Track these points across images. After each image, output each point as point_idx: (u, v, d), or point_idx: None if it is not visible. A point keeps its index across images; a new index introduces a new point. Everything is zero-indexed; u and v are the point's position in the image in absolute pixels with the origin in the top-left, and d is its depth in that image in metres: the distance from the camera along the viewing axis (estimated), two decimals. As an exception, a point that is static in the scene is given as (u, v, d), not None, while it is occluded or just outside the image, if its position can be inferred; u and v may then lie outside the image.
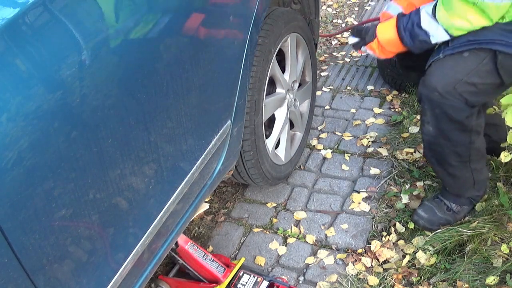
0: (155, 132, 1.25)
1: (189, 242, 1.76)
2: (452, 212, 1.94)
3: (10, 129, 0.86)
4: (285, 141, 2.17)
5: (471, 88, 1.65)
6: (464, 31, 1.64)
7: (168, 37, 1.23)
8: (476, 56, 1.65)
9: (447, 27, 1.64)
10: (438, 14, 1.63)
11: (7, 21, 0.87)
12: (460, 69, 1.65)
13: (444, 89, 1.66)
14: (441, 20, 1.64)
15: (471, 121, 1.71)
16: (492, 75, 1.66)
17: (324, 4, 4.03)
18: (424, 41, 1.70)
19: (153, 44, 1.18)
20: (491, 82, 1.68)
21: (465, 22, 1.60)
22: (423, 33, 1.69)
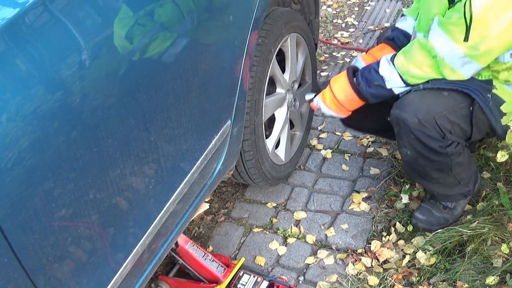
0: (155, 132, 1.25)
1: (189, 242, 1.76)
2: (449, 209, 1.95)
3: (10, 129, 0.86)
4: (285, 141, 2.17)
5: (448, 125, 1.67)
6: (417, 80, 1.70)
7: (168, 37, 1.23)
8: (454, 98, 1.68)
9: (402, 72, 1.70)
10: (396, 60, 1.71)
11: (7, 21, 0.87)
12: (441, 103, 1.67)
13: (424, 117, 1.66)
14: (398, 65, 1.70)
15: (449, 149, 1.71)
16: (466, 121, 1.69)
17: (324, 4, 4.03)
18: (380, 85, 1.75)
19: (153, 44, 1.18)
20: (463, 128, 1.70)
21: (420, 71, 1.67)
22: (379, 78, 1.74)
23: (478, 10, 1.50)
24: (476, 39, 1.54)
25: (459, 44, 1.56)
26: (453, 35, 1.57)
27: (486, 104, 1.66)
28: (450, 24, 1.57)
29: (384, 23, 3.65)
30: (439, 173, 1.81)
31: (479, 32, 1.53)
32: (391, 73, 1.72)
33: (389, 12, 3.80)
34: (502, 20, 1.50)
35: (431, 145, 1.69)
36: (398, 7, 3.84)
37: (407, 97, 1.72)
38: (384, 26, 3.59)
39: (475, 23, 1.51)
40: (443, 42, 1.60)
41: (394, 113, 1.73)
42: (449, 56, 1.60)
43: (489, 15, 1.50)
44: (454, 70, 1.63)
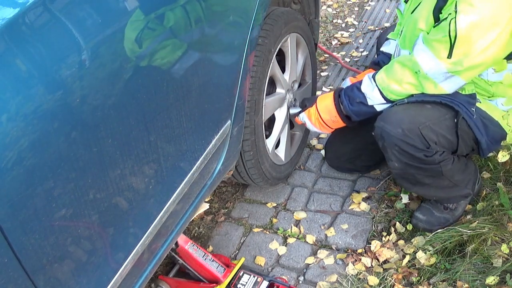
0: (155, 132, 1.25)
1: (189, 242, 1.76)
2: (450, 210, 1.95)
3: (10, 129, 0.86)
4: (285, 141, 2.17)
5: (433, 136, 1.68)
6: (396, 96, 1.74)
7: (168, 37, 1.23)
8: (438, 110, 1.70)
9: (382, 88, 1.74)
10: (377, 76, 1.76)
11: (7, 21, 0.87)
12: (425, 114, 1.69)
13: (408, 127, 1.67)
14: (378, 81, 1.75)
15: (436, 157, 1.71)
16: (451, 133, 1.70)
17: (324, 4, 4.03)
18: (361, 102, 1.80)
19: (153, 44, 1.18)
20: (449, 139, 1.71)
21: (400, 87, 1.72)
22: (361, 96, 1.80)
23: (463, 29, 1.54)
24: (459, 56, 1.58)
25: (442, 60, 1.60)
26: (436, 51, 1.61)
27: (470, 117, 1.69)
28: (434, 41, 1.62)
29: (384, 23, 3.65)
30: (431, 179, 1.80)
31: (462, 50, 1.57)
32: (372, 89, 1.77)
33: (389, 12, 3.80)
34: (486, 39, 1.54)
35: (416, 155, 1.70)
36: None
37: (391, 110, 1.75)
38: (384, 26, 3.59)
39: (459, 41, 1.56)
40: (427, 58, 1.64)
41: (378, 125, 1.75)
42: (432, 71, 1.64)
43: (473, 34, 1.54)
44: (437, 85, 1.66)
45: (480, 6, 1.53)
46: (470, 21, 1.54)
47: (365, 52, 3.33)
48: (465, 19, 1.54)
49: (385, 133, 1.72)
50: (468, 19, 1.54)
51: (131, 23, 1.11)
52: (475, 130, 1.70)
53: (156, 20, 1.19)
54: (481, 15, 1.53)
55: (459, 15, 1.55)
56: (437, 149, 1.69)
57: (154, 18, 1.18)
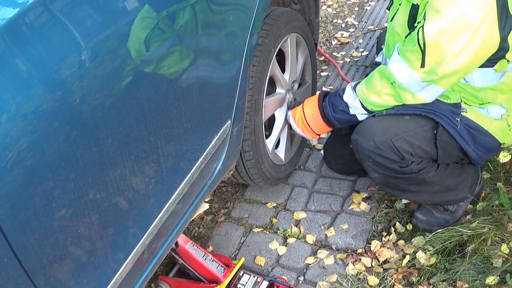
0: (155, 132, 1.25)
1: (189, 242, 1.76)
2: (450, 211, 1.94)
3: (10, 129, 0.86)
4: (285, 141, 2.17)
5: (408, 147, 1.66)
6: (377, 107, 1.74)
7: (168, 37, 1.23)
8: (416, 121, 1.69)
9: (362, 99, 1.74)
10: (358, 87, 1.76)
11: (7, 21, 0.87)
12: (400, 126, 1.68)
13: (380, 140, 1.67)
14: (358, 92, 1.75)
15: (412, 167, 1.69)
16: (429, 144, 1.68)
17: (324, 4, 4.03)
18: (344, 111, 1.81)
19: (153, 44, 1.18)
20: (426, 150, 1.69)
21: (379, 99, 1.71)
22: (343, 104, 1.80)
23: (430, 36, 1.53)
24: (432, 64, 1.56)
25: (416, 70, 1.59)
26: (410, 61, 1.60)
27: (453, 127, 1.66)
28: (407, 51, 1.61)
29: (384, 23, 3.65)
30: (417, 186, 1.79)
31: (434, 58, 1.55)
32: (353, 100, 1.77)
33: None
34: (457, 44, 1.51)
35: (390, 166, 1.69)
36: (398, 7, 3.84)
37: (366, 122, 1.75)
38: (384, 26, 3.59)
39: (429, 49, 1.54)
40: (401, 68, 1.63)
41: (353, 138, 1.75)
42: (406, 82, 1.63)
43: (442, 41, 1.52)
44: (414, 95, 1.65)
45: (446, 12, 1.50)
46: (437, 27, 1.51)
47: (365, 52, 3.33)
48: (432, 26, 1.52)
49: (358, 146, 1.73)
50: (435, 26, 1.51)
51: (132, 24, 1.11)
52: (459, 140, 1.66)
53: (156, 21, 1.19)
54: (448, 20, 1.50)
55: (426, 23, 1.54)
56: (413, 160, 1.68)
57: (154, 19, 1.18)
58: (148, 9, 1.16)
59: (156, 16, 1.19)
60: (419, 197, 1.90)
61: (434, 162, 1.73)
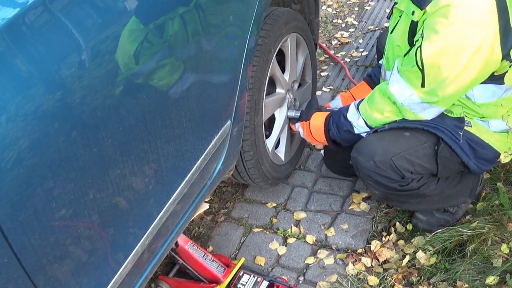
0: (155, 132, 1.25)
1: (189, 242, 1.76)
2: (450, 212, 1.94)
3: (10, 129, 0.86)
4: (285, 141, 2.17)
5: (408, 166, 1.65)
6: (379, 124, 1.72)
7: (168, 37, 1.23)
8: (417, 138, 1.67)
9: (365, 117, 1.73)
10: (361, 106, 1.75)
11: (7, 21, 0.87)
12: (400, 144, 1.66)
13: (380, 160, 1.66)
14: (361, 111, 1.74)
15: (412, 185, 1.69)
16: (430, 161, 1.67)
17: (324, 4, 4.03)
18: (348, 131, 1.80)
19: (153, 44, 1.18)
20: (427, 167, 1.68)
21: (381, 116, 1.70)
22: (348, 124, 1.79)
23: (428, 57, 1.51)
24: (432, 85, 1.54)
25: (416, 90, 1.57)
26: (411, 81, 1.58)
27: (455, 142, 1.64)
28: (406, 71, 1.59)
29: (384, 23, 3.65)
30: (418, 199, 1.79)
31: (433, 78, 1.53)
32: (357, 118, 1.76)
33: (389, 12, 3.80)
34: (457, 65, 1.48)
35: (391, 185, 1.69)
36: (398, 7, 3.83)
37: (365, 140, 1.73)
38: (384, 26, 3.59)
39: (427, 70, 1.52)
40: (401, 89, 1.61)
41: (353, 156, 1.74)
42: (407, 102, 1.61)
43: (441, 61, 1.49)
44: (416, 115, 1.64)
45: (445, 32, 1.47)
46: (435, 48, 1.49)
47: (365, 52, 3.33)
48: (430, 47, 1.50)
49: (358, 165, 1.72)
50: (433, 47, 1.49)
51: (132, 24, 1.11)
52: (461, 154, 1.65)
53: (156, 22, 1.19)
54: (446, 41, 1.47)
55: (424, 43, 1.51)
56: (413, 177, 1.68)
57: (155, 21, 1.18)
58: (149, 9, 1.16)
59: (156, 17, 1.19)
60: (419, 206, 1.90)
61: (434, 176, 1.73)
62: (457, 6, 1.45)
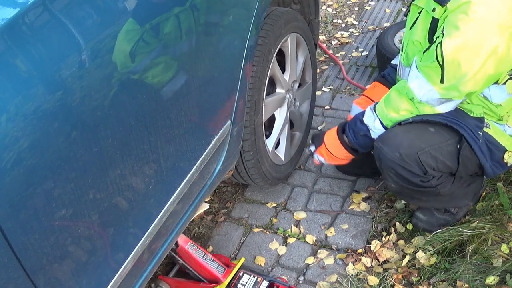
0: (155, 132, 1.25)
1: (189, 242, 1.76)
2: (450, 213, 1.94)
3: (10, 129, 0.86)
4: (285, 141, 2.17)
5: (432, 162, 1.65)
6: (394, 123, 1.72)
7: (168, 37, 1.23)
8: (441, 134, 1.67)
9: (382, 117, 1.73)
10: (377, 107, 1.75)
11: (7, 21, 0.87)
12: (425, 139, 1.66)
13: (406, 152, 1.65)
14: (378, 111, 1.74)
15: (432, 182, 1.69)
16: (452, 158, 1.67)
17: (324, 4, 4.03)
18: (365, 135, 1.79)
19: (152, 44, 1.18)
20: (449, 165, 1.68)
21: (397, 115, 1.70)
22: (364, 128, 1.78)
23: (449, 53, 1.52)
24: (452, 81, 1.55)
25: (436, 86, 1.58)
26: (430, 77, 1.59)
27: (475, 141, 1.64)
28: (426, 67, 1.60)
29: (384, 23, 3.65)
30: (429, 196, 1.79)
31: (453, 74, 1.54)
32: (373, 120, 1.76)
33: (389, 12, 3.80)
34: (476, 61, 1.50)
35: (412, 180, 1.69)
36: (398, 7, 3.84)
37: (391, 131, 1.72)
38: (384, 26, 3.59)
39: (448, 66, 1.53)
40: (421, 84, 1.62)
41: (377, 146, 1.73)
42: (425, 98, 1.62)
43: (461, 57, 1.51)
44: (433, 109, 1.65)
45: (465, 29, 1.49)
46: (455, 44, 1.50)
47: (365, 52, 3.33)
48: (450, 43, 1.51)
49: (382, 155, 1.70)
50: (453, 43, 1.50)
51: (132, 24, 1.11)
52: (479, 155, 1.65)
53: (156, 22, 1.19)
54: (466, 37, 1.49)
55: (445, 39, 1.53)
56: (434, 174, 1.68)
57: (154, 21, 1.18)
58: (148, 9, 1.16)
59: (155, 17, 1.19)
60: (425, 203, 1.90)
61: (451, 176, 1.73)
62: (477, 3, 1.47)
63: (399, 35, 2.89)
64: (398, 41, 2.85)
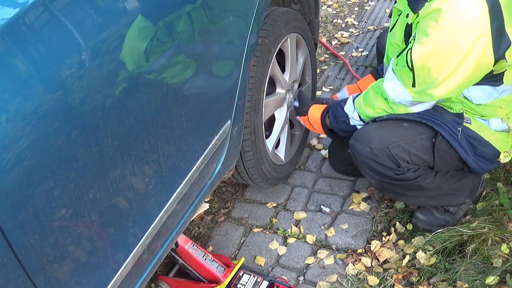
0: (155, 132, 1.25)
1: (189, 242, 1.76)
2: (450, 213, 1.94)
3: (10, 129, 0.86)
4: (285, 141, 2.17)
5: (404, 155, 1.67)
6: (371, 119, 1.76)
7: (168, 37, 1.23)
8: (415, 129, 1.69)
9: (360, 112, 1.78)
10: (356, 100, 1.80)
11: (7, 21, 0.87)
12: (397, 133, 1.69)
13: (377, 147, 1.68)
14: (356, 105, 1.80)
15: (408, 175, 1.70)
16: (427, 152, 1.68)
17: (324, 4, 4.03)
18: (344, 122, 1.85)
19: (152, 44, 1.18)
20: (423, 158, 1.69)
21: (373, 112, 1.75)
22: (344, 115, 1.84)
23: (418, 59, 1.54)
24: (422, 85, 1.57)
25: (408, 89, 1.61)
26: (402, 80, 1.62)
27: (453, 137, 1.65)
28: (399, 70, 1.63)
29: (384, 23, 3.65)
30: (414, 192, 1.80)
31: (423, 79, 1.56)
32: (352, 111, 1.81)
33: (389, 12, 3.80)
34: (446, 68, 1.50)
35: (386, 173, 1.71)
36: (398, 7, 3.84)
37: (364, 128, 1.77)
38: (384, 26, 3.59)
39: (417, 71, 1.55)
40: (394, 86, 1.65)
41: (350, 143, 1.77)
42: (398, 99, 1.66)
43: (430, 63, 1.52)
44: (406, 109, 1.68)
45: (435, 35, 1.49)
46: (425, 50, 1.51)
47: (365, 52, 3.33)
48: (419, 50, 1.52)
49: (355, 151, 1.74)
50: (422, 49, 1.52)
51: (132, 24, 1.11)
52: (458, 150, 1.66)
53: (157, 23, 1.19)
54: (436, 44, 1.49)
55: (414, 45, 1.54)
56: (409, 167, 1.69)
57: (154, 21, 1.18)
58: (148, 10, 1.16)
59: (156, 18, 1.19)
60: (416, 200, 1.91)
61: (431, 169, 1.73)
62: (448, 11, 1.46)
63: (399, 35, 2.89)
64: (398, 41, 2.85)
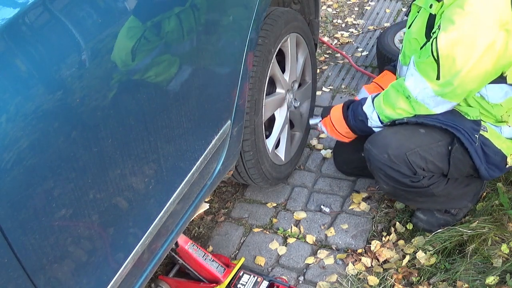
0: (155, 132, 1.25)
1: (189, 242, 1.76)
2: (451, 214, 1.94)
3: (10, 129, 0.86)
4: (285, 141, 2.17)
5: (421, 162, 1.65)
6: (390, 119, 1.72)
7: (168, 37, 1.23)
8: (431, 136, 1.67)
9: (379, 112, 1.73)
10: (375, 100, 1.75)
11: (7, 21, 0.87)
12: (414, 140, 1.66)
13: (394, 153, 1.65)
14: (376, 105, 1.74)
15: (423, 182, 1.69)
16: (443, 160, 1.66)
17: (324, 4, 4.03)
18: (362, 121, 1.80)
19: (152, 44, 1.18)
20: (439, 166, 1.67)
21: (393, 112, 1.70)
22: (363, 114, 1.79)
23: (443, 47, 1.51)
24: (447, 77, 1.53)
25: (431, 82, 1.57)
26: (426, 73, 1.58)
27: (471, 144, 1.63)
28: (422, 63, 1.59)
29: (384, 23, 3.65)
30: (424, 197, 1.79)
31: (448, 69, 1.52)
32: (371, 112, 1.77)
33: (389, 12, 3.80)
34: (471, 57, 1.48)
35: (402, 180, 1.69)
36: (398, 7, 3.84)
37: (381, 132, 1.73)
38: (384, 26, 3.59)
39: (443, 60, 1.52)
40: (416, 82, 1.61)
41: (366, 148, 1.74)
42: (421, 96, 1.61)
43: (455, 52, 1.49)
44: (428, 110, 1.64)
45: (460, 23, 1.47)
46: (450, 38, 1.49)
47: (365, 52, 3.33)
48: (445, 37, 1.50)
49: (371, 157, 1.71)
50: (448, 37, 1.49)
51: (132, 24, 1.11)
52: (474, 157, 1.63)
53: (156, 22, 1.19)
54: (462, 31, 1.47)
55: (440, 33, 1.52)
56: (424, 175, 1.68)
57: (154, 20, 1.18)
58: (147, 9, 1.16)
59: (156, 17, 1.19)
60: (422, 204, 1.91)
61: (444, 177, 1.72)
62: None
63: (399, 35, 2.90)
64: (398, 41, 2.85)
